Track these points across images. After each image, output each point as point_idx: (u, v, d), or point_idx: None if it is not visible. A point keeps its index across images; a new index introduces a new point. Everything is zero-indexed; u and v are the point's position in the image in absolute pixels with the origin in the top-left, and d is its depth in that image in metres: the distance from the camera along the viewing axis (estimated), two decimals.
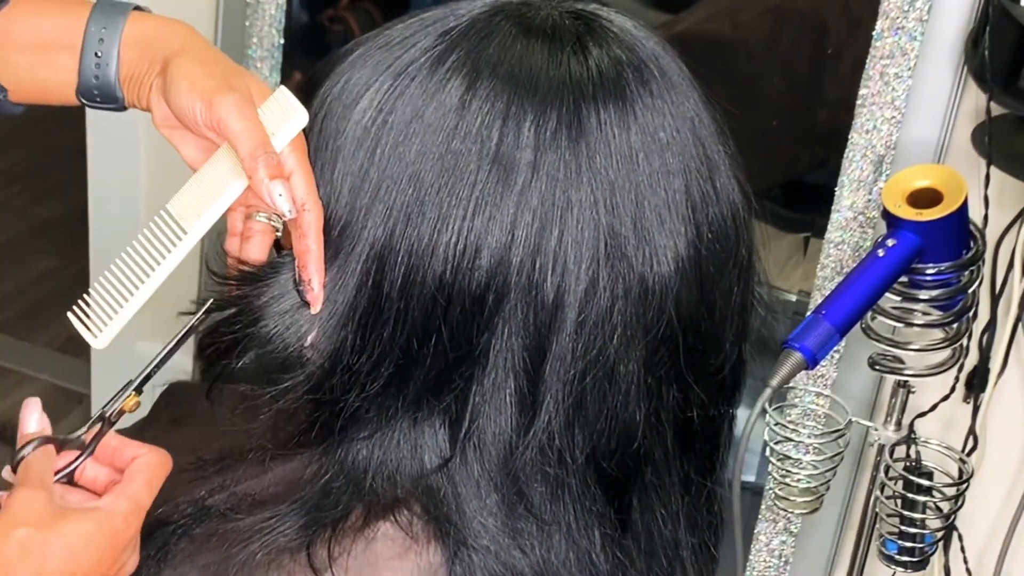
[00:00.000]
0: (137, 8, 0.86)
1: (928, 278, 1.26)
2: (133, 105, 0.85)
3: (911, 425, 1.50)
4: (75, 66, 0.84)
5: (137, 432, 0.99)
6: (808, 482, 1.53)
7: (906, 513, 1.47)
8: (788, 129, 1.90)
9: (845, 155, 1.65)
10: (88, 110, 2.51)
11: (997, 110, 1.50)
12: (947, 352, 1.36)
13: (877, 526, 1.52)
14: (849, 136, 1.65)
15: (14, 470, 0.77)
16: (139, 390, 0.81)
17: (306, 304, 0.79)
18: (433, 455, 0.79)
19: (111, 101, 0.86)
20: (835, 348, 1.52)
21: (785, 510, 1.69)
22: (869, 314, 1.30)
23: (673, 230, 0.77)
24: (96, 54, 0.84)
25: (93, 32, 0.84)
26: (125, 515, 0.75)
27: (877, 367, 1.39)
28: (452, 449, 0.78)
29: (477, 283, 0.75)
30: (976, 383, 1.66)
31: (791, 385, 1.65)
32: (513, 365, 0.76)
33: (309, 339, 0.80)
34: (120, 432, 1.02)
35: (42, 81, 0.86)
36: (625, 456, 0.79)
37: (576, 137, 0.75)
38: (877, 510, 1.51)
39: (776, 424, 1.52)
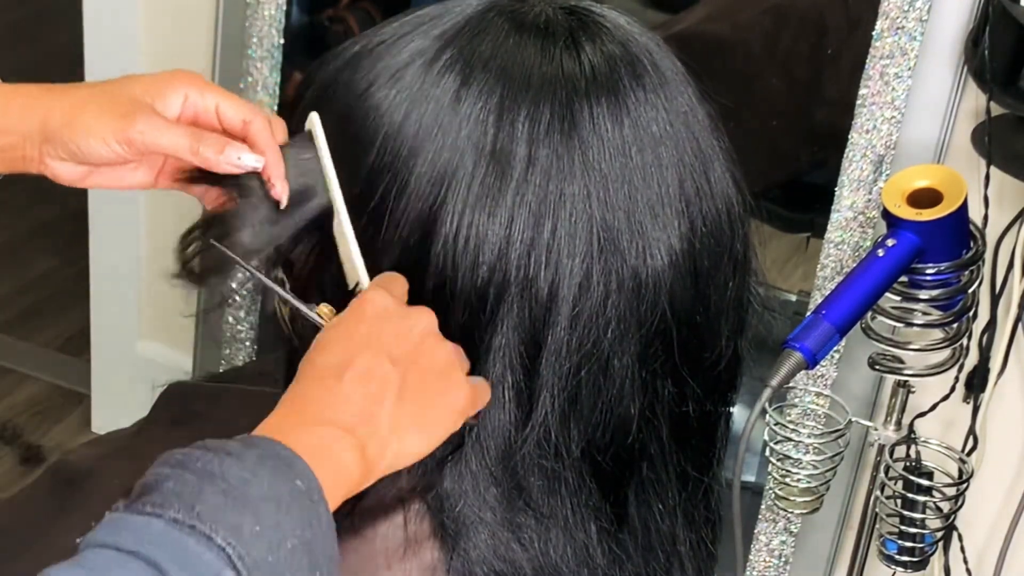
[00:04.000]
0: None
1: (928, 278, 1.26)
2: (14, 171, 0.84)
3: (911, 425, 1.50)
4: None
5: (137, 432, 0.99)
6: (808, 482, 1.53)
7: (906, 513, 1.47)
8: (788, 129, 1.90)
9: (845, 155, 1.65)
10: None
11: (997, 110, 1.50)
12: (947, 352, 1.36)
13: (877, 526, 1.52)
14: (849, 136, 1.65)
15: None
16: None
17: (275, 204, 0.78)
18: (433, 451, 0.79)
19: None
20: (835, 348, 1.52)
21: (785, 510, 1.69)
22: (869, 314, 1.30)
23: (666, 223, 0.77)
24: None
25: None
26: None
27: (877, 367, 1.39)
28: (453, 445, 0.78)
29: (481, 279, 0.75)
30: (976, 383, 1.66)
31: (791, 385, 1.65)
32: (510, 360, 0.77)
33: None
34: (120, 431, 1.02)
35: None
36: (620, 450, 0.79)
37: (568, 131, 0.76)
38: (877, 510, 1.51)
39: (776, 424, 1.52)
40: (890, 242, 1.22)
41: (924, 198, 1.23)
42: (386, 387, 0.71)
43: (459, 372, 0.75)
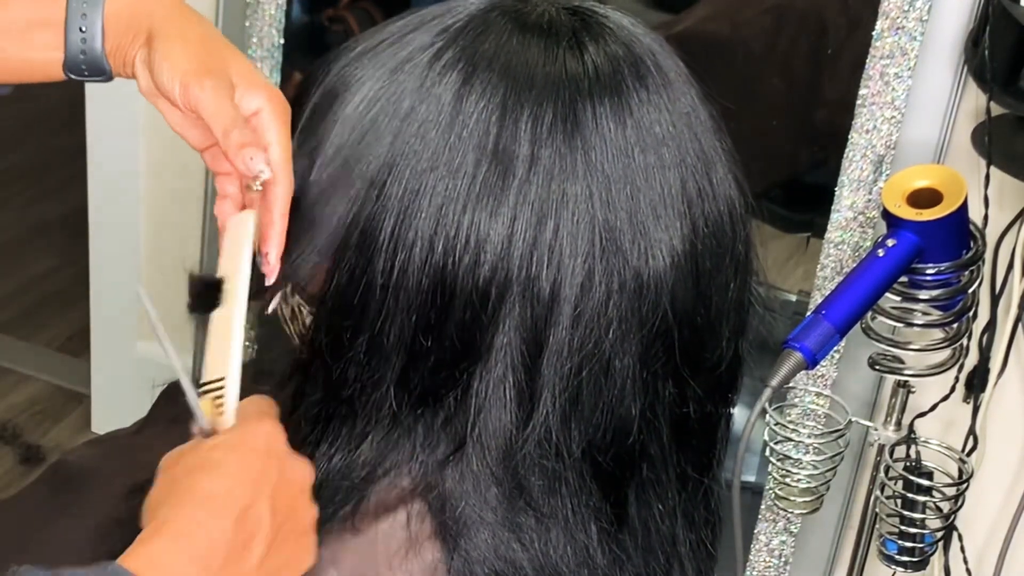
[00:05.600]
0: None
1: (928, 278, 1.26)
2: (119, 74, 0.86)
3: (911, 425, 1.50)
4: (60, 43, 0.85)
5: (137, 432, 0.99)
6: (808, 482, 1.53)
7: (906, 513, 1.47)
8: (788, 129, 1.90)
9: (845, 155, 1.66)
10: (87, 110, 2.50)
11: (997, 110, 1.51)
12: (947, 352, 1.36)
13: (877, 526, 1.52)
14: (849, 136, 1.65)
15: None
16: None
17: (262, 276, 0.79)
18: (435, 452, 0.79)
19: (99, 74, 0.86)
20: (835, 348, 1.52)
21: (785, 510, 1.69)
22: (869, 314, 1.30)
23: (668, 224, 0.77)
24: (81, 29, 0.84)
25: (75, 8, 0.84)
26: None
27: (877, 367, 1.40)
28: (454, 445, 0.78)
29: (483, 278, 0.75)
30: (976, 383, 1.66)
31: (791, 385, 1.66)
32: (512, 360, 0.76)
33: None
34: (120, 431, 1.02)
35: (28, 61, 0.87)
36: (621, 451, 0.79)
37: (571, 132, 0.76)
38: (877, 510, 1.51)
39: (776, 424, 1.52)
40: (890, 242, 1.22)
41: (924, 198, 1.23)
42: (259, 535, 0.72)
43: (314, 536, 0.75)
